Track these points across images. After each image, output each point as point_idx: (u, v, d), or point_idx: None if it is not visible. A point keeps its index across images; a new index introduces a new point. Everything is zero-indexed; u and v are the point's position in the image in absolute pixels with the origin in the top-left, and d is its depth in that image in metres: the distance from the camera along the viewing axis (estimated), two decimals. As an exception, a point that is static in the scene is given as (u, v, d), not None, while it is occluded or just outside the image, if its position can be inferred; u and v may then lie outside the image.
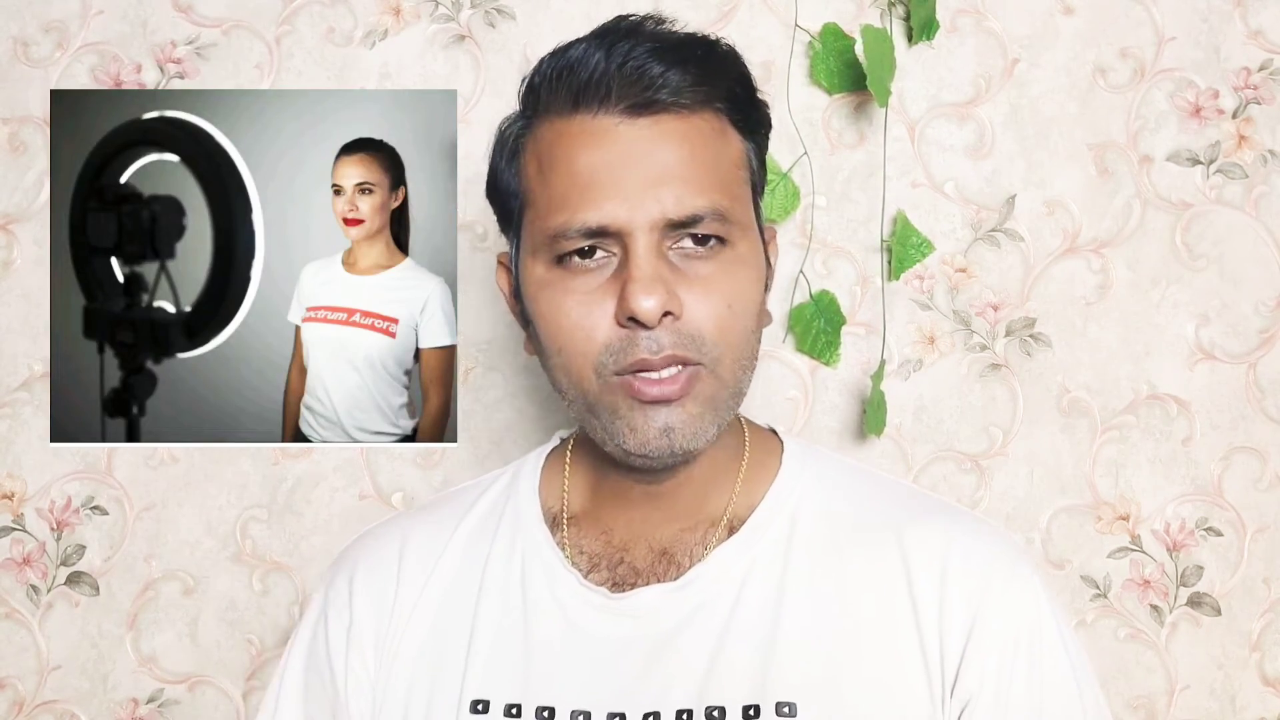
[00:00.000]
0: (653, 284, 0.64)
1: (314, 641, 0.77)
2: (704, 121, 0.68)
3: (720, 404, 0.68)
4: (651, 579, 0.71)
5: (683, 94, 0.66)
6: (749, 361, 0.70)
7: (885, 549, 0.72)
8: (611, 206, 0.65)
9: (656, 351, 0.65)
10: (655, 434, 0.67)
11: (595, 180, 0.66)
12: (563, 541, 0.74)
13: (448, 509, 0.80)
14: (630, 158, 0.66)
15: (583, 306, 0.67)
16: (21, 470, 1.09)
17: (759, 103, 0.74)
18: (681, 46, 0.68)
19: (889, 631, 0.70)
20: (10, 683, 1.09)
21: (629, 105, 0.66)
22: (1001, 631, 0.69)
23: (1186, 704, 1.11)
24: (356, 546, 0.80)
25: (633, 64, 0.65)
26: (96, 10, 1.10)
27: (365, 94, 1.09)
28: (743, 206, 0.70)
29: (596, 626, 0.71)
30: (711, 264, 0.67)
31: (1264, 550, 1.12)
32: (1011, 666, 0.68)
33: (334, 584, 0.78)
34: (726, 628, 0.70)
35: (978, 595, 0.70)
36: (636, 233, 0.65)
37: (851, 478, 0.78)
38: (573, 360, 0.68)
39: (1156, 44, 1.12)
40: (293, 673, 0.77)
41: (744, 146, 0.72)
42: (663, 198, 0.65)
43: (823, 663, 0.69)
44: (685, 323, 0.66)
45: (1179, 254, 1.12)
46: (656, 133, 0.66)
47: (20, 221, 1.09)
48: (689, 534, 0.73)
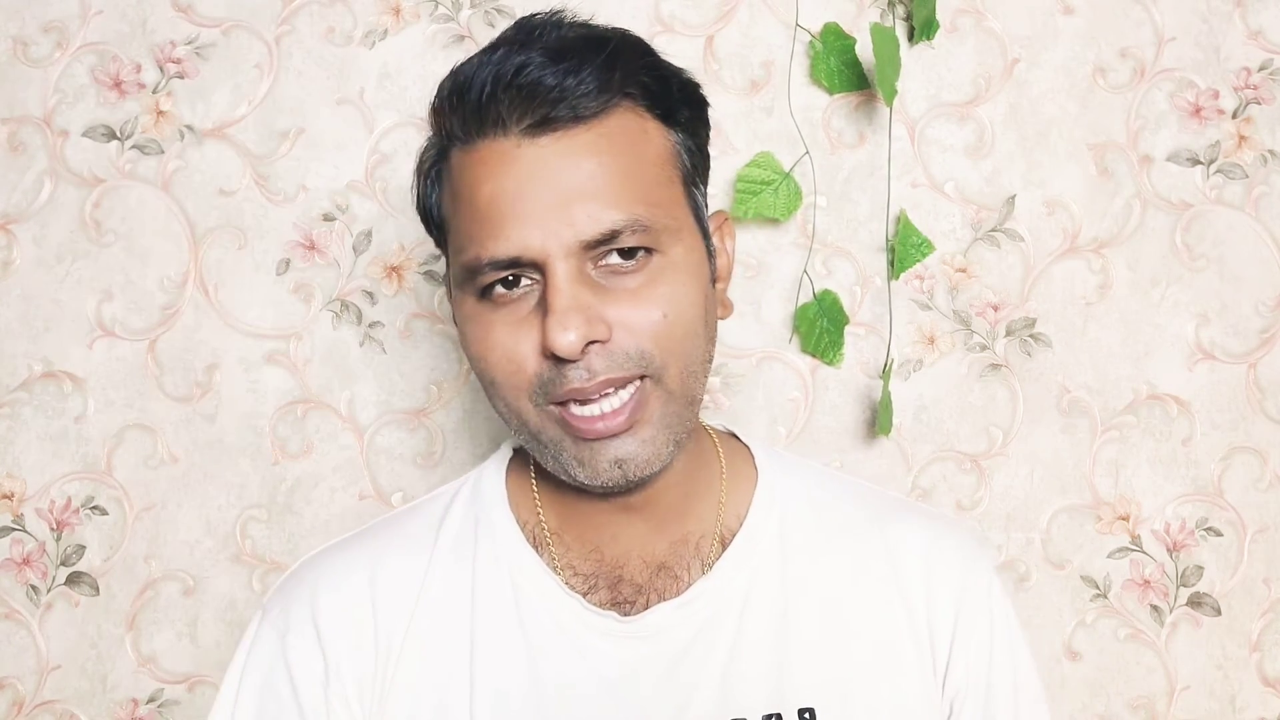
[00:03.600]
0: (569, 316, 0.60)
1: (271, 689, 0.69)
2: (615, 124, 0.63)
3: (673, 419, 0.65)
4: (653, 595, 0.70)
5: (583, 103, 0.61)
6: (699, 366, 0.66)
7: (870, 546, 0.73)
8: (520, 235, 0.61)
9: (589, 379, 0.62)
10: (606, 466, 0.64)
11: (499, 210, 0.61)
12: (551, 561, 0.71)
13: (412, 530, 0.74)
14: (534, 180, 0.61)
15: (509, 339, 0.63)
16: (21, 470, 1.09)
17: (681, 85, 0.68)
18: (573, 50, 0.62)
19: (886, 627, 0.71)
20: (10, 683, 1.09)
21: (527, 125, 0.61)
22: (982, 626, 0.73)
23: (1186, 704, 1.11)
24: (308, 580, 0.72)
25: (523, 80, 0.60)
26: (96, 10, 1.10)
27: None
28: (668, 208, 0.64)
29: (607, 652, 0.68)
30: (640, 276, 0.63)
31: (1264, 550, 1.12)
32: (990, 655, 0.73)
33: (291, 624, 0.70)
34: (737, 639, 0.69)
35: (958, 591, 0.73)
36: (551, 260, 0.61)
37: (820, 477, 0.78)
38: (507, 392, 0.64)
39: (1156, 44, 1.12)
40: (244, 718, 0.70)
41: (669, 139, 0.66)
42: (575, 219, 0.61)
43: (833, 664, 0.69)
44: (616, 343, 0.62)
45: (1179, 254, 1.12)
46: (561, 149, 0.61)
47: (20, 221, 1.09)
48: (682, 546, 0.72)
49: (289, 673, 0.69)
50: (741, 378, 1.11)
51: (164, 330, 1.09)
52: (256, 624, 0.72)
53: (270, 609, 0.72)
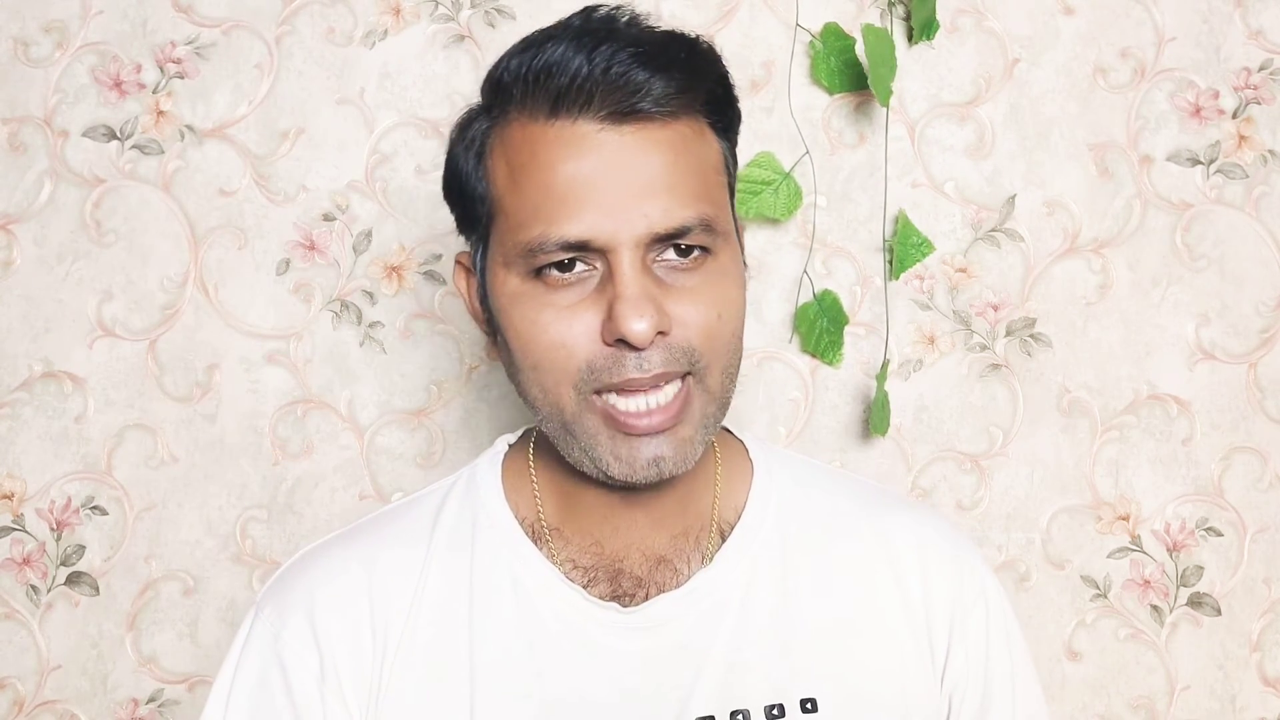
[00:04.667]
0: (643, 304, 0.61)
1: (265, 686, 0.69)
2: (686, 127, 0.65)
3: (709, 420, 0.66)
4: (653, 587, 0.70)
5: (667, 101, 0.63)
6: (735, 370, 0.68)
7: (866, 539, 0.74)
8: (593, 219, 0.61)
9: (646, 370, 0.62)
10: (644, 464, 0.64)
11: (575, 191, 0.62)
12: (550, 555, 0.71)
13: (407, 525, 0.74)
14: (612, 168, 0.62)
15: (562, 322, 0.63)
16: (21, 470, 1.09)
17: (735, 101, 0.70)
18: (664, 49, 0.64)
19: (884, 619, 0.72)
20: (10, 683, 1.09)
21: (610, 112, 0.62)
22: (978, 619, 0.74)
23: (1186, 704, 1.11)
24: (303, 575, 0.72)
25: (617, 69, 0.61)
26: (96, 10, 1.10)
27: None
28: (725, 213, 0.67)
29: (609, 643, 0.69)
30: (697, 275, 0.64)
31: (1264, 550, 1.12)
32: (986, 649, 0.74)
33: (286, 621, 0.70)
34: (738, 629, 0.70)
35: (954, 585, 0.73)
36: (621, 248, 0.62)
37: (813, 471, 0.79)
38: (549, 377, 0.64)
39: (1156, 44, 1.12)
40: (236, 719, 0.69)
41: (721, 148, 0.69)
42: (648, 211, 0.62)
43: (835, 654, 0.70)
44: (674, 338, 0.63)
45: (1179, 254, 1.12)
46: (639, 141, 0.62)
47: (21, 221, 1.09)
48: (682, 539, 0.72)
49: (283, 669, 0.69)
50: (742, 378, 1.11)
51: (164, 330, 1.09)
52: (250, 620, 0.72)
53: (264, 605, 0.72)
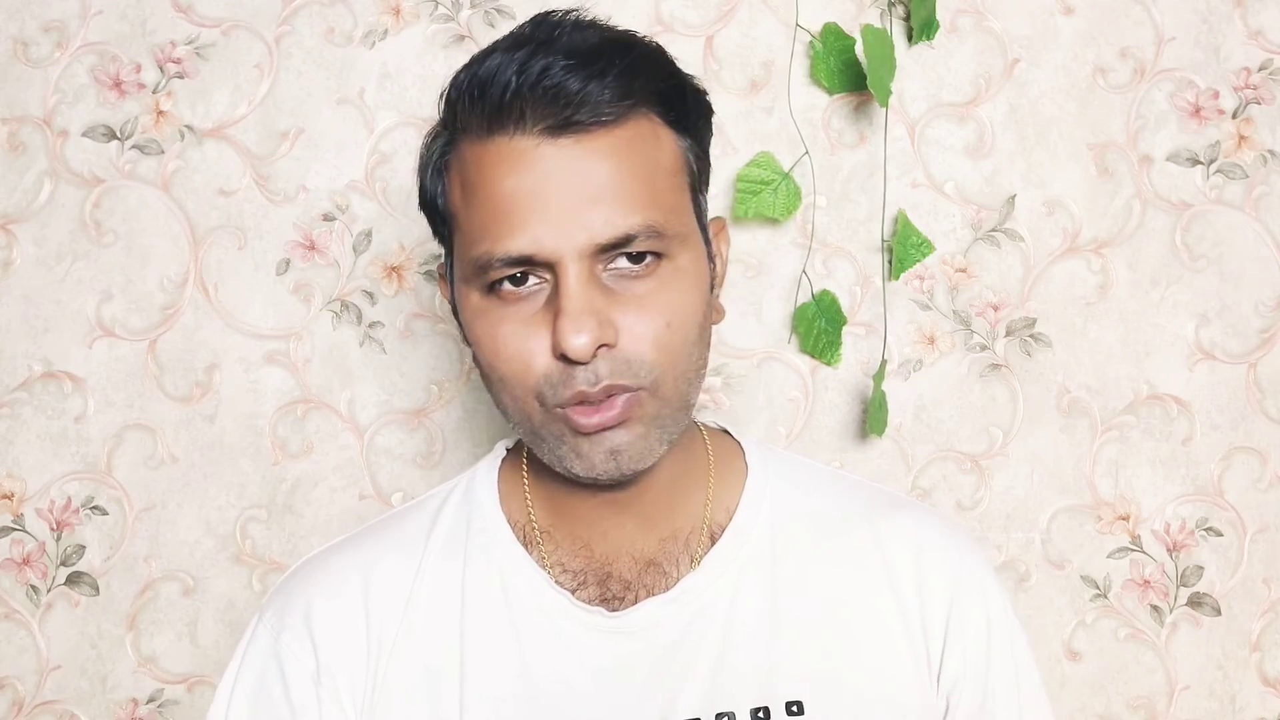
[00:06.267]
0: (583, 318, 0.61)
1: (264, 688, 0.71)
2: (633, 130, 0.63)
3: (665, 420, 0.66)
4: (642, 591, 0.71)
5: (604, 108, 0.61)
6: (694, 374, 0.67)
7: (861, 541, 0.74)
8: (535, 234, 0.61)
9: (594, 384, 0.62)
10: (602, 458, 0.64)
11: (517, 206, 0.62)
12: (541, 559, 0.72)
13: (405, 530, 0.75)
14: (552, 181, 0.61)
15: (518, 337, 0.64)
16: (21, 470, 1.09)
17: (693, 93, 0.69)
18: (598, 55, 0.62)
19: (877, 621, 0.71)
20: (10, 683, 1.09)
21: (546, 126, 0.61)
22: (977, 619, 0.73)
23: (1186, 704, 1.11)
24: (303, 581, 0.74)
25: (547, 82, 0.61)
26: (96, 10, 1.10)
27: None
28: (679, 215, 0.66)
29: (595, 647, 0.69)
30: (649, 281, 0.64)
31: (1264, 550, 1.12)
32: (987, 650, 0.73)
33: (285, 623, 0.72)
34: (725, 633, 0.70)
35: (951, 585, 0.73)
36: (565, 261, 0.61)
37: (811, 473, 0.79)
38: (514, 389, 0.65)
39: (1156, 44, 1.12)
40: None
41: (679, 146, 0.67)
42: (590, 222, 0.61)
43: (823, 657, 0.70)
44: (621, 349, 0.63)
45: (1179, 254, 1.12)
46: (579, 152, 0.62)
47: (20, 221, 1.09)
48: (671, 543, 0.72)
49: (281, 672, 0.70)
50: (742, 378, 1.11)
51: (164, 330, 1.09)
52: (253, 626, 0.74)
53: (266, 611, 0.74)
